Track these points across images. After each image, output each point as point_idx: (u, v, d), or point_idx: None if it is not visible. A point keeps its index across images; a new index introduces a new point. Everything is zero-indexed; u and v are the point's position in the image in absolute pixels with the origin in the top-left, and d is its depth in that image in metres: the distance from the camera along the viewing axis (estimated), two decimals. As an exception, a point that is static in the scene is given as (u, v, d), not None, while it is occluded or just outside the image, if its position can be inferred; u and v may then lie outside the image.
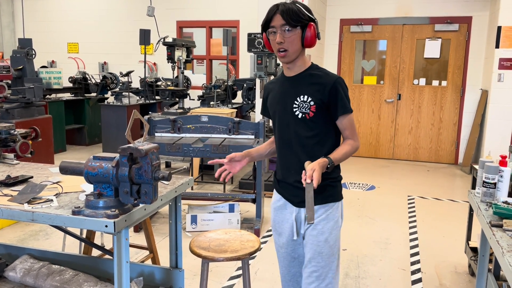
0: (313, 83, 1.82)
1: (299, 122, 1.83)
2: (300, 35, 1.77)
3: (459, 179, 6.16)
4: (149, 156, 1.60)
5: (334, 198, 1.88)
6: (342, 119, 1.84)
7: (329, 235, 1.85)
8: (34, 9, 9.19)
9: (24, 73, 5.35)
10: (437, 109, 6.97)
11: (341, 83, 1.82)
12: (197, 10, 8.23)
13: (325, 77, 1.82)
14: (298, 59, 1.83)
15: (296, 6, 1.75)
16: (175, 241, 2.23)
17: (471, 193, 2.42)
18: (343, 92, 1.81)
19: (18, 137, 3.41)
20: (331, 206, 1.87)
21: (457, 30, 6.68)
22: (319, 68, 1.87)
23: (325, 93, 1.79)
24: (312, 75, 1.84)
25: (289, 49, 1.77)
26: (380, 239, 3.91)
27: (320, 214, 1.86)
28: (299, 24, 1.75)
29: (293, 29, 1.75)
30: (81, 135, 7.91)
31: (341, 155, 1.82)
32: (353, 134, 1.88)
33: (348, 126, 1.87)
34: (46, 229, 3.92)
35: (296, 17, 1.74)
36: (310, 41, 1.78)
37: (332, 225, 1.86)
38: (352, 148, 1.86)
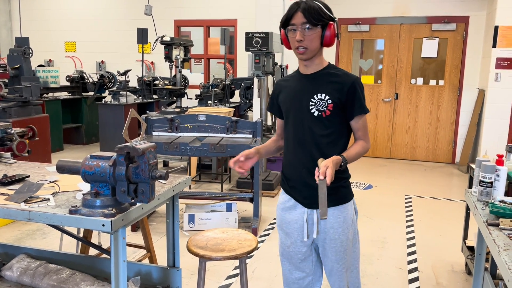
0: (331, 81, 1.83)
1: (314, 120, 1.83)
2: (320, 34, 1.78)
3: (456, 178, 6.17)
4: (146, 155, 1.60)
5: (348, 198, 1.92)
6: (357, 119, 1.85)
7: (347, 231, 1.90)
8: (31, 7, 9.15)
9: (21, 72, 5.33)
10: (434, 109, 6.99)
11: (359, 83, 1.85)
12: (195, 9, 8.22)
13: (344, 77, 1.84)
14: (316, 57, 1.85)
15: (318, 5, 1.77)
16: (172, 240, 2.23)
17: (468, 192, 2.43)
18: (361, 92, 1.84)
19: (15, 136, 3.41)
20: (346, 207, 1.90)
21: (454, 29, 6.70)
22: (337, 68, 1.90)
23: (343, 92, 1.81)
24: (330, 74, 1.86)
25: (309, 47, 1.78)
26: (377, 238, 3.91)
27: (338, 216, 1.88)
28: (320, 23, 1.76)
29: (314, 28, 1.76)
30: (79, 134, 7.89)
31: (354, 154, 1.83)
32: (365, 135, 1.89)
33: (362, 127, 1.88)
34: (43, 228, 3.91)
35: (317, 15, 1.75)
36: (330, 41, 1.80)
37: (349, 223, 1.91)
38: (363, 149, 1.88)
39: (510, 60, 5.73)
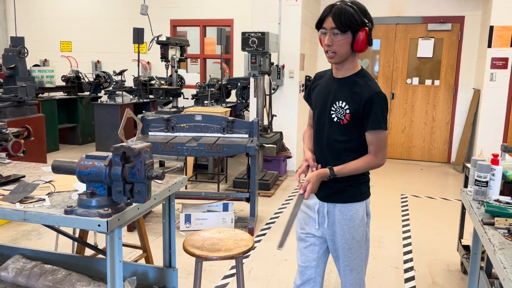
0: (353, 91, 1.81)
1: (333, 125, 1.86)
2: (351, 39, 1.76)
3: (452, 177, 6.20)
4: (142, 155, 1.59)
5: (356, 198, 1.92)
6: (369, 133, 1.82)
7: (355, 232, 1.92)
8: (26, 7, 9.11)
9: (16, 72, 5.30)
10: (430, 108, 7.01)
11: (379, 98, 1.79)
12: (191, 9, 8.21)
13: (365, 88, 1.80)
14: (347, 62, 1.83)
15: (351, 9, 1.73)
16: (168, 240, 2.22)
17: (463, 192, 2.44)
18: (379, 107, 1.78)
19: (10, 136, 3.39)
20: (354, 206, 1.91)
21: (449, 29, 6.72)
22: (365, 76, 1.86)
23: (361, 105, 1.79)
24: (355, 82, 1.83)
25: (337, 52, 1.79)
26: (373, 237, 3.92)
27: (344, 213, 1.91)
28: (349, 29, 1.74)
29: (343, 33, 1.75)
30: (74, 134, 7.86)
31: (348, 169, 1.85)
32: (376, 151, 1.85)
33: (374, 142, 1.84)
34: (38, 229, 3.90)
35: (347, 21, 1.72)
36: (361, 47, 1.77)
37: (357, 223, 1.91)
38: (366, 165, 1.86)
39: (505, 60, 5.76)
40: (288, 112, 6.09)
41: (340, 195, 1.91)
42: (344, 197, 1.91)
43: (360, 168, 1.86)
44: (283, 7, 5.72)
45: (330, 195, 1.93)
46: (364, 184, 1.96)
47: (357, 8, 1.75)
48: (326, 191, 1.93)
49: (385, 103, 1.82)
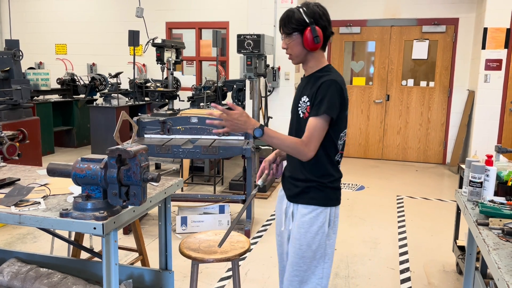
0: (313, 84, 1.82)
1: (299, 120, 1.87)
2: (300, 40, 1.81)
3: (447, 178, 6.23)
4: (138, 158, 1.59)
5: (319, 202, 1.84)
6: (309, 119, 1.77)
7: (311, 239, 1.83)
8: (21, 10, 9.09)
9: (11, 75, 5.28)
10: (425, 110, 7.04)
11: (329, 84, 1.75)
12: (187, 11, 8.22)
13: (321, 78, 1.80)
14: (309, 60, 1.87)
15: (295, 12, 1.80)
16: (164, 243, 2.22)
17: (458, 193, 2.46)
18: (327, 93, 1.74)
19: (5, 139, 3.37)
20: (315, 209, 1.84)
21: (444, 31, 6.76)
22: (328, 71, 1.85)
23: (314, 93, 1.79)
24: (317, 77, 1.84)
25: (293, 54, 1.86)
26: (369, 238, 3.93)
27: (304, 214, 1.85)
28: (293, 31, 1.81)
29: (289, 36, 1.83)
30: (70, 137, 7.84)
31: (277, 136, 1.74)
32: (309, 139, 1.74)
33: (309, 128, 1.75)
34: (33, 232, 3.88)
35: (288, 24, 1.81)
36: (309, 46, 1.80)
37: (315, 230, 1.83)
38: (294, 145, 1.74)
39: (499, 62, 5.80)
40: (283, 114, 6.10)
41: (303, 196, 1.86)
42: (307, 198, 1.86)
43: (286, 143, 1.74)
44: (279, 9, 5.74)
45: (295, 194, 1.89)
46: (331, 189, 1.86)
47: (303, 10, 1.79)
48: (292, 190, 1.90)
49: (336, 89, 1.75)
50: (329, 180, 1.85)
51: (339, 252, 3.62)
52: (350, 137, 7.43)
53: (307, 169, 1.84)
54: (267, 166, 1.98)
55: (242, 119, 1.72)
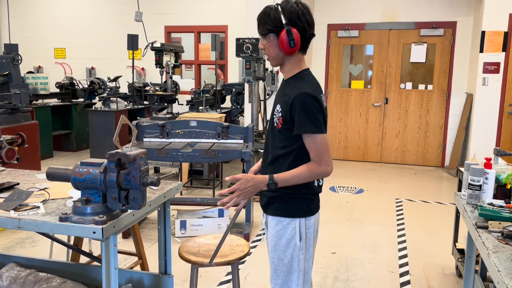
0: (286, 93, 1.73)
1: (273, 129, 1.79)
2: (276, 42, 1.69)
3: (446, 181, 6.23)
4: (138, 162, 1.59)
5: (284, 213, 1.76)
6: (305, 139, 1.68)
7: (282, 252, 1.76)
8: (20, 14, 9.10)
9: (10, 79, 5.29)
10: (423, 113, 7.06)
11: (303, 99, 1.65)
12: (185, 15, 8.24)
13: (294, 89, 1.69)
14: (285, 64, 1.76)
15: (272, 11, 1.68)
16: (164, 247, 2.22)
17: (457, 195, 2.46)
18: (303, 108, 1.64)
19: (4, 143, 3.37)
20: (281, 221, 1.76)
21: (442, 35, 6.79)
22: (301, 78, 1.74)
23: (288, 107, 1.68)
24: (289, 84, 1.74)
25: (268, 55, 1.76)
26: (368, 242, 3.93)
27: (272, 226, 1.79)
28: (268, 31, 1.70)
29: (266, 36, 1.72)
30: (68, 141, 7.83)
31: (290, 176, 1.68)
32: (318, 157, 1.67)
33: (312, 148, 1.68)
34: (32, 237, 3.87)
35: (265, 24, 1.69)
36: (284, 49, 1.69)
37: (284, 243, 1.75)
38: (310, 172, 1.68)
39: (497, 65, 5.82)
40: (282, 117, 6.10)
41: (270, 206, 1.79)
42: (272, 209, 1.79)
43: (302, 175, 1.68)
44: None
45: (264, 204, 1.84)
46: (297, 200, 1.76)
47: (281, 9, 1.66)
48: (262, 200, 1.85)
49: (312, 102, 1.65)
50: (294, 192, 1.74)
51: (338, 255, 3.62)
52: (348, 140, 7.44)
53: None
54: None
55: (250, 184, 1.68)
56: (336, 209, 4.80)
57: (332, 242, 3.88)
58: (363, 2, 7.01)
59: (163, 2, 8.30)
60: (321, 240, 3.84)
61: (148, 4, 8.07)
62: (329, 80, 7.38)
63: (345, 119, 7.40)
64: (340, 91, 7.37)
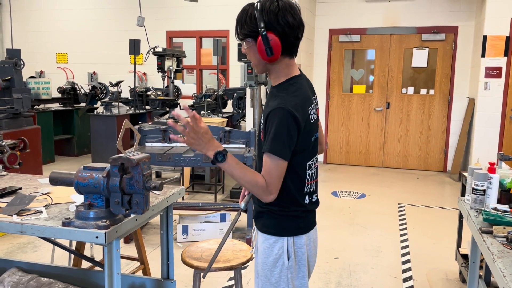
0: (268, 105, 1.56)
1: (259, 141, 1.64)
2: (255, 47, 1.50)
3: (448, 186, 6.21)
4: (141, 166, 1.59)
5: (270, 231, 1.60)
6: (264, 155, 1.49)
7: (269, 271, 1.59)
8: (22, 19, 9.14)
9: (12, 84, 5.30)
10: (425, 117, 7.05)
11: (278, 114, 1.45)
12: (187, 20, 8.26)
13: (274, 101, 1.50)
14: (270, 71, 1.57)
15: (249, 10, 1.49)
16: (166, 252, 2.21)
17: (461, 200, 2.45)
18: (274, 126, 1.45)
19: (6, 148, 3.37)
20: (268, 238, 1.59)
21: (443, 39, 6.80)
22: (286, 88, 1.54)
23: (264, 120, 1.52)
24: (272, 94, 1.57)
25: (251, 61, 1.58)
26: (371, 247, 3.92)
27: (261, 242, 1.63)
28: (244, 37, 1.52)
29: (244, 41, 1.54)
30: (70, 146, 7.83)
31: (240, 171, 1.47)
32: (268, 179, 1.47)
33: (265, 168, 1.48)
34: (34, 241, 3.86)
35: (241, 29, 1.53)
36: (262, 56, 1.49)
37: (271, 262, 1.58)
38: (254, 182, 1.47)
39: (499, 69, 5.82)
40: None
41: (258, 220, 1.65)
42: (260, 224, 1.64)
43: (246, 178, 1.48)
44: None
45: (254, 216, 1.69)
46: (285, 218, 1.58)
47: (260, 8, 1.45)
48: (254, 212, 1.69)
49: (285, 123, 1.43)
50: (280, 209, 1.57)
51: (341, 260, 3.60)
52: (350, 145, 7.43)
53: None
54: None
55: (207, 137, 1.47)
56: (338, 214, 4.79)
57: (334, 247, 3.86)
58: (364, 7, 7.03)
59: (165, 7, 8.33)
60: (324, 245, 3.83)
61: (150, 9, 8.11)
62: (330, 85, 7.38)
63: (346, 123, 7.39)
64: (341, 96, 7.37)
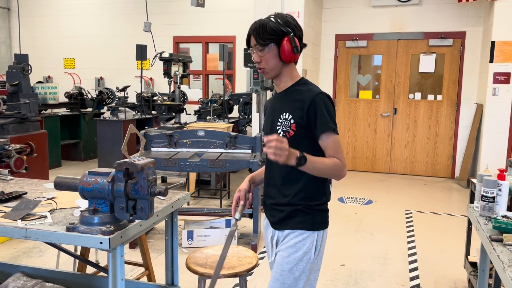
0: (295, 99, 1.70)
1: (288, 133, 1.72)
2: (276, 51, 1.68)
3: (456, 193, 6.15)
4: (145, 171, 1.58)
5: (306, 226, 1.72)
6: (324, 138, 1.66)
7: (295, 265, 1.70)
8: (30, 25, 9.22)
9: (20, 89, 5.34)
10: (432, 123, 7.00)
11: (323, 99, 1.67)
12: (194, 25, 8.29)
13: (306, 93, 1.69)
14: (283, 74, 1.74)
15: (269, 22, 1.67)
16: (171, 258, 2.19)
17: (469, 207, 2.41)
18: (325, 108, 1.65)
19: (12, 152, 3.38)
20: (301, 234, 1.71)
21: (451, 45, 6.76)
22: (306, 83, 1.75)
23: (304, 110, 1.66)
24: (295, 90, 1.73)
25: (266, 67, 1.71)
26: (378, 254, 3.87)
27: (288, 240, 1.73)
28: (269, 41, 1.67)
29: (265, 47, 1.68)
30: (77, 151, 7.86)
31: (320, 162, 1.61)
32: (337, 153, 1.66)
33: (331, 145, 1.66)
34: (39, 246, 3.86)
35: (264, 34, 1.66)
36: (287, 56, 1.68)
37: (300, 256, 1.70)
38: (334, 165, 1.64)
39: (508, 75, 5.77)
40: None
41: (289, 221, 1.73)
42: (293, 222, 1.73)
43: (329, 166, 1.62)
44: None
45: (279, 220, 1.76)
46: (319, 212, 1.74)
47: (276, 19, 1.67)
48: (276, 216, 1.77)
49: (331, 103, 1.68)
50: (316, 203, 1.73)
51: (348, 267, 3.56)
52: (357, 150, 7.38)
53: (293, 194, 1.72)
54: (242, 196, 1.85)
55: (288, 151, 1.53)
56: (345, 220, 4.75)
57: (341, 254, 3.82)
58: (371, 12, 7.01)
59: (172, 13, 8.37)
60: (330, 251, 3.79)
61: (157, 15, 8.15)
62: (337, 90, 7.36)
63: (353, 129, 7.35)
64: (348, 101, 7.34)
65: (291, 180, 1.73)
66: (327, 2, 7.14)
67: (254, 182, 1.94)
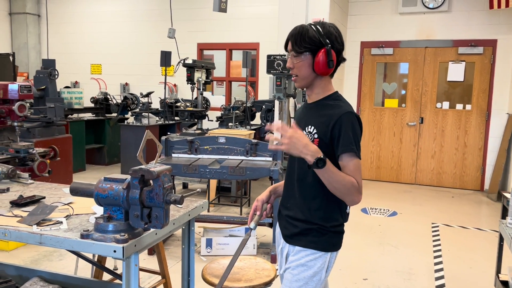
0: (322, 114, 1.65)
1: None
2: (310, 61, 1.63)
3: (486, 206, 5.91)
4: (161, 178, 1.53)
5: (319, 246, 1.66)
6: (343, 158, 1.58)
7: (304, 284, 1.66)
8: (59, 31, 9.45)
9: (46, 93, 5.44)
10: (461, 133, 6.77)
11: (351, 118, 1.59)
12: (218, 32, 8.32)
13: (336, 109, 1.63)
14: (315, 86, 1.69)
15: (309, 30, 1.63)
16: (187, 267, 2.14)
17: (502, 223, 2.28)
18: (351, 129, 1.58)
19: (36, 156, 3.42)
20: (313, 253, 1.66)
21: (481, 53, 6.54)
22: (337, 99, 1.69)
23: (329, 127, 1.60)
24: (325, 105, 1.67)
25: (298, 75, 1.68)
26: (403, 268, 3.73)
27: (299, 258, 1.68)
28: (305, 50, 1.63)
29: (300, 55, 1.65)
30: (101, 155, 7.97)
31: (339, 174, 1.55)
32: (355, 175, 1.57)
33: (351, 169, 1.57)
34: (60, 250, 3.88)
35: (302, 42, 1.63)
36: (320, 69, 1.63)
37: (310, 275, 1.65)
38: (352, 184, 1.55)
39: (542, 84, 5.53)
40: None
41: (301, 238, 1.68)
42: (306, 241, 1.67)
43: (345, 181, 1.54)
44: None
45: (292, 235, 1.72)
46: (334, 234, 1.68)
47: (319, 29, 1.63)
48: (289, 230, 1.73)
49: (358, 124, 1.61)
50: (332, 225, 1.67)
51: (370, 282, 3.43)
52: (381, 160, 7.22)
53: (311, 210, 1.67)
54: (259, 207, 1.83)
55: (304, 141, 1.50)
56: (368, 232, 4.61)
57: (363, 268, 3.70)
58: (398, 20, 6.87)
59: (196, 20, 8.43)
60: (352, 265, 3.67)
61: (182, 21, 8.21)
62: (361, 98, 7.22)
63: (378, 138, 7.19)
64: (373, 110, 7.20)
65: (311, 195, 1.67)
66: (352, 9, 7.05)
67: (275, 193, 1.90)
